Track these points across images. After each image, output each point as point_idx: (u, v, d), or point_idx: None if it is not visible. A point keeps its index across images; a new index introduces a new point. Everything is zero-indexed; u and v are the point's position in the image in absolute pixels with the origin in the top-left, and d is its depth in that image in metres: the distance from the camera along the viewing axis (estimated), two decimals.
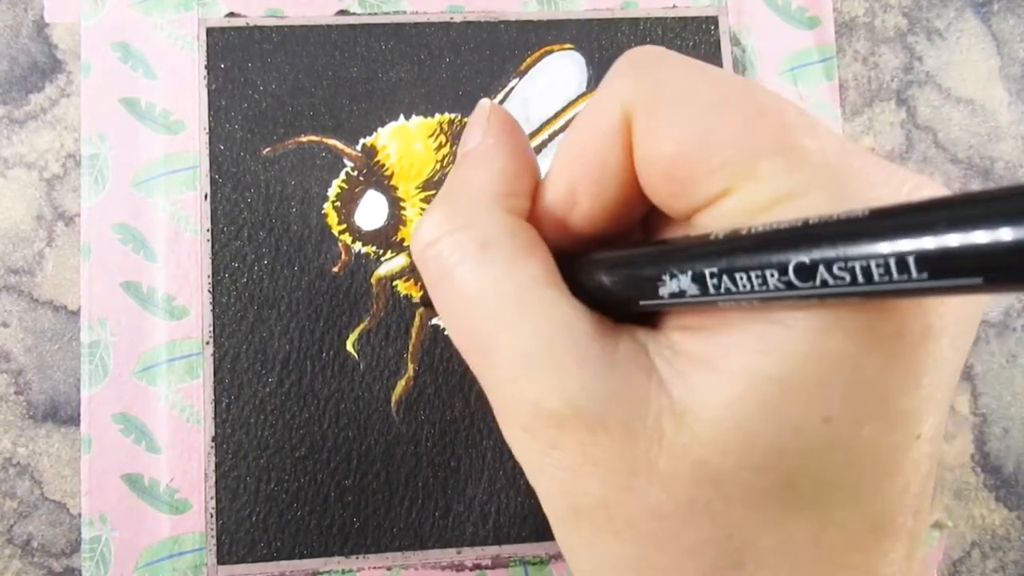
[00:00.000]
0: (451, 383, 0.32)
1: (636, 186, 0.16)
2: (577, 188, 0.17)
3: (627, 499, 0.14)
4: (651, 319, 0.16)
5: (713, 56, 0.35)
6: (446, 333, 0.32)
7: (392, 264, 0.33)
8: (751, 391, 0.13)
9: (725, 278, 0.13)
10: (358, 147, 0.33)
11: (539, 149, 0.34)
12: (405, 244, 0.33)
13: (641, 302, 0.15)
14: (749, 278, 0.13)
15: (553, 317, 0.15)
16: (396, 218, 0.33)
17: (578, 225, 0.17)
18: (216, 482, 0.31)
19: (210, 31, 0.34)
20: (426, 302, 0.30)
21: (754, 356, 0.14)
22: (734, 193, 0.14)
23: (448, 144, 0.34)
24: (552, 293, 0.16)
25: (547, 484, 0.16)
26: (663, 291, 0.15)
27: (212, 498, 0.31)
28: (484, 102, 0.19)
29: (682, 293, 0.14)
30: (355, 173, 0.33)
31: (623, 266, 0.16)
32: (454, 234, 0.16)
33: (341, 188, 0.33)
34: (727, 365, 0.14)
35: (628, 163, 0.16)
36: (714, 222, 0.14)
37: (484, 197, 0.17)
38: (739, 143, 0.14)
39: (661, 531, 0.14)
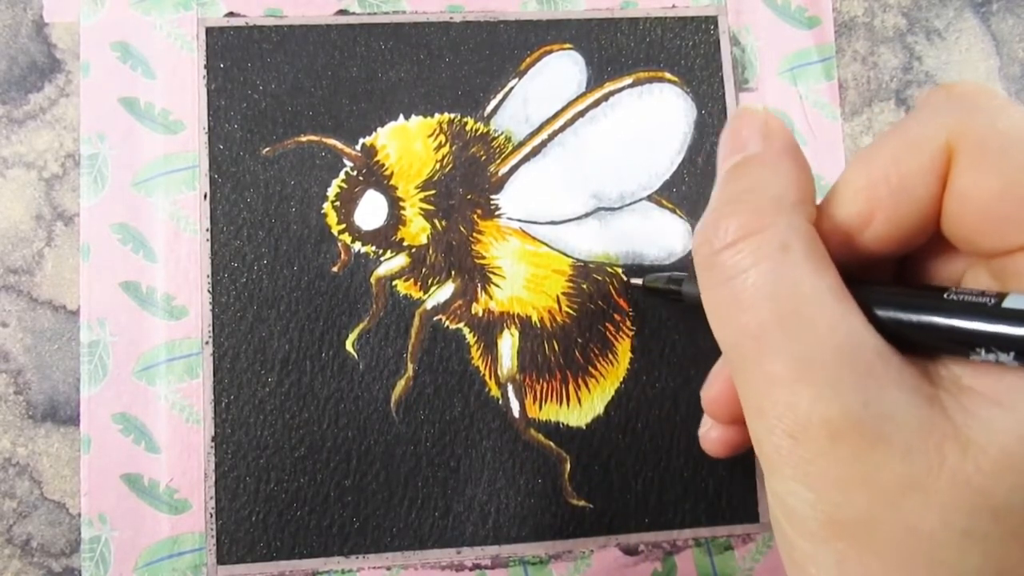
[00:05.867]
0: (451, 383, 0.32)
1: (934, 217, 0.17)
2: (877, 209, 0.17)
3: (895, 518, 0.14)
4: (926, 346, 0.17)
5: (713, 56, 0.35)
6: (448, 331, 0.32)
7: (392, 264, 0.33)
8: None
9: None
10: (358, 147, 0.33)
11: (539, 149, 0.34)
12: (404, 244, 0.33)
13: (944, 354, 0.16)
14: None
15: (843, 329, 0.15)
16: (395, 218, 0.33)
17: (865, 244, 0.17)
18: (216, 482, 0.31)
19: (209, 31, 0.33)
20: (652, 289, 0.31)
21: None
22: None
23: (448, 144, 0.34)
24: (845, 306, 0.16)
25: (801, 493, 0.15)
26: (975, 357, 0.15)
27: (212, 498, 0.31)
28: (754, 107, 0.19)
29: (997, 361, 0.15)
30: (355, 173, 0.33)
31: (931, 318, 0.16)
32: (755, 236, 0.17)
33: (340, 188, 0.33)
34: (1022, 406, 0.14)
35: (938, 194, 0.16)
36: None
37: (783, 201, 0.17)
38: None
39: (927, 556, 0.14)
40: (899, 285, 0.17)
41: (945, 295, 0.16)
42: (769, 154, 0.18)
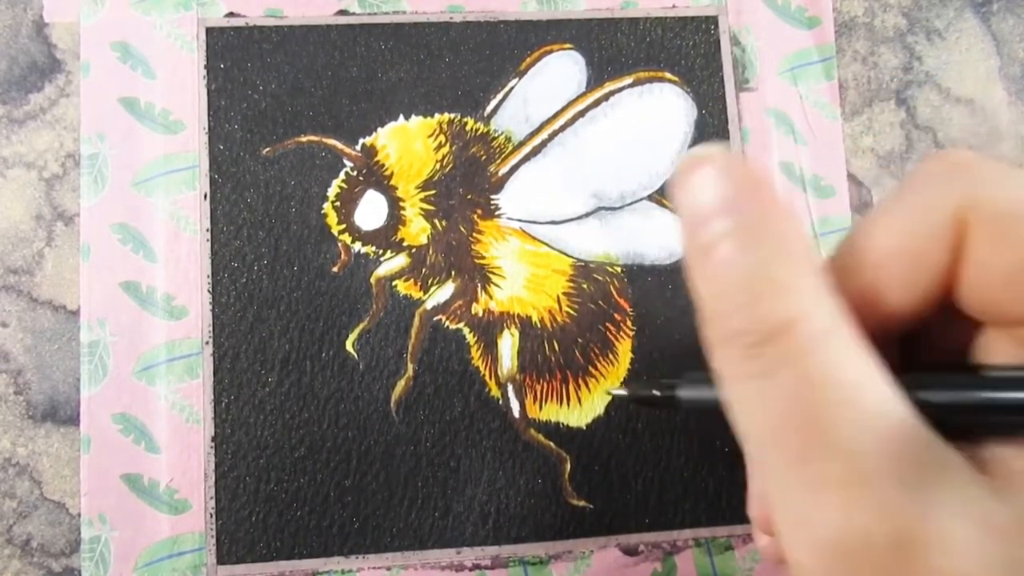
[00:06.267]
0: (451, 383, 0.32)
1: (947, 289, 0.16)
2: (888, 286, 0.16)
3: None
4: (970, 428, 0.16)
5: (713, 56, 0.35)
6: (448, 331, 0.32)
7: (392, 264, 0.33)
8: None
9: None
10: (358, 147, 0.33)
11: (539, 149, 0.34)
12: (404, 244, 0.33)
13: (992, 435, 0.15)
14: None
15: (898, 423, 0.14)
16: (396, 218, 0.33)
17: (877, 319, 0.16)
18: (216, 482, 0.31)
19: (209, 31, 0.33)
20: (640, 399, 0.28)
21: None
22: None
23: (448, 144, 0.34)
24: (893, 394, 0.14)
25: None
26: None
27: (212, 498, 0.31)
28: (710, 149, 0.15)
29: None
30: (355, 173, 0.33)
31: (979, 395, 0.15)
32: (788, 327, 0.15)
33: (341, 188, 0.33)
34: None
35: (952, 267, 0.16)
36: None
37: (811, 280, 0.15)
38: None
39: None
40: (940, 369, 0.17)
41: (985, 372, 0.15)
42: (764, 216, 0.15)
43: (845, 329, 0.15)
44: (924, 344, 0.18)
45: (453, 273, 0.33)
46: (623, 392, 0.29)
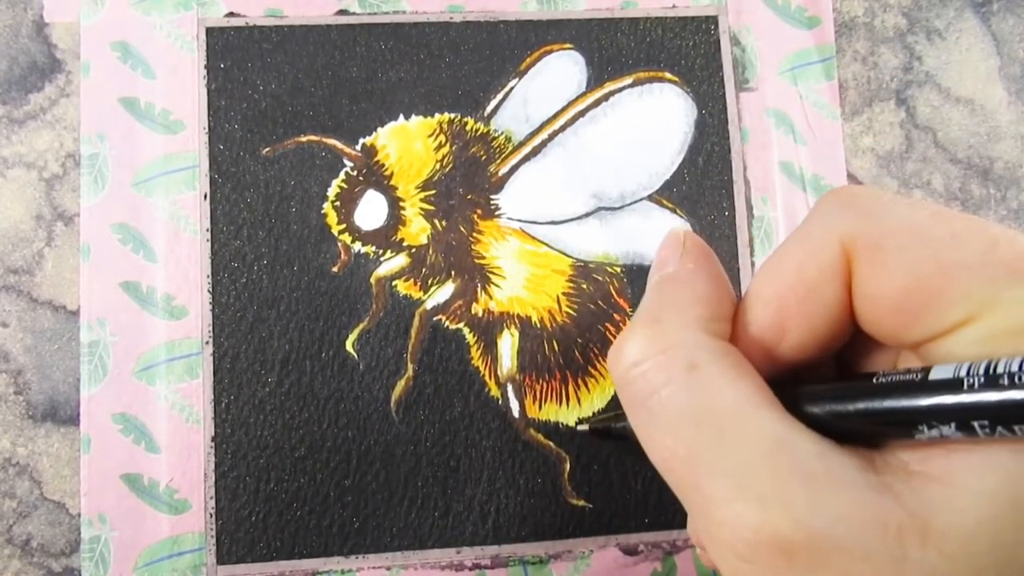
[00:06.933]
0: (451, 383, 0.32)
1: (848, 318, 0.17)
2: (787, 319, 0.17)
3: None
4: (868, 435, 0.17)
5: (713, 56, 0.35)
6: (448, 331, 0.32)
7: (392, 264, 0.33)
8: (1010, 512, 0.13)
9: (1000, 427, 0.13)
10: (358, 147, 0.33)
11: (539, 149, 0.34)
12: (404, 244, 0.33)
13: (888, 440, 0.15)
14: None
15: (773, 436, 0.15)
16: (396, 218, 0.33)
17: (785, 353, 0.17)
18: (215, 482, 0.31)
19: (210, 31, 0.33)
20: (596, 431, 0.29)
21: (1012, 476, 0.14)
22: (976, 321, 0.14)
23: (448, 144, 0.34)
24: (769, 413, 0.15)
25: None
26: (919, 436, 0.15)
27: (211, 498, 0.31)
28: (677, 229, 0.20)
29: (941, 436, 0.14)
30: (355, 173, 0.33)
31: (863, 404, 0.16)
32: (660, 356, 0.17)
33: (341, 188, 0.33)
34: (979, 485, 0.14)
35: (845, 297, 0.16)
36: (955, 349, 0.15)
37: (689, 320, 0.17)
38: (979, 273, 0.14)
39: None
40: (828, 381, 0.17)
41: (874, 379, 0.16)
42: (683, 273, 0.18)
43: (717, 362, 0.16)
44: (856, 367, 0.19)
45: (453, 273, 0.33)
46: (584, 427, 0.30)
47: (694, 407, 0.16)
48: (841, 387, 0.16)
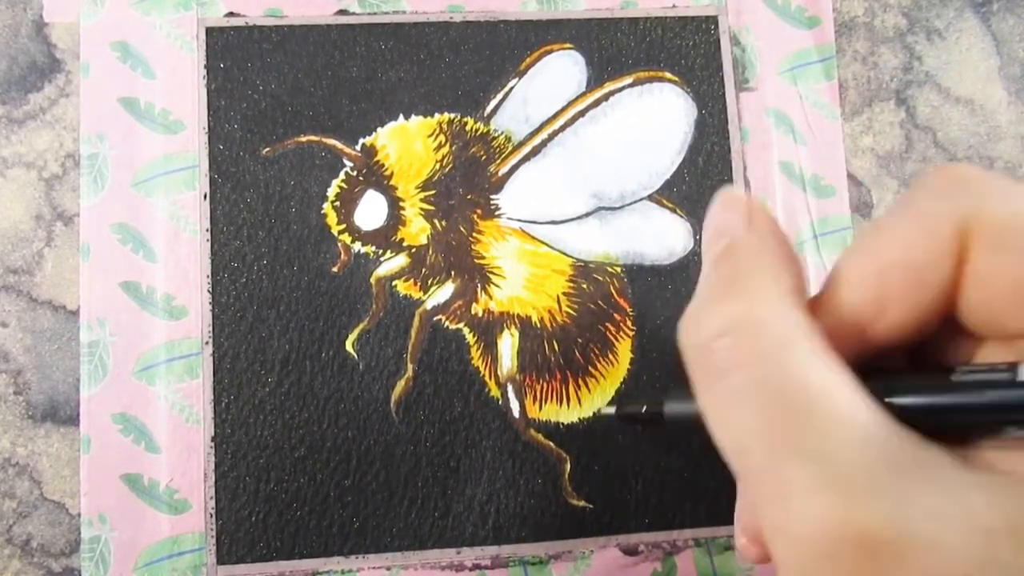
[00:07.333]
0: (451, 383, 0.32)
1: (947, 303, 0.16)
2: (887, 300, 0.16)
3: None
4: (953, 430, 0.16)
5: (713, 56, 0.35)
6: (448, 331, 0.32)
7: (392, 264, 0.33)
8: None
9: None
10: (357, 147, 0.33)
11: (539, 149, 0.34)
12: (404, 244, 0.33)
13: (973, 437, 0.15)
14: None
15: (866, 425, 0.14)
16: (395, 218, 0.33)
17: (878, 334, 0.17)
18: (215, 482, 0.31)
19: (209, 31, 0.33)
20: (625, 415, 0.27)
21: None
22: None
23: (448, 144, 0.34)
24: (863, 399, 0.14)
25: None
26: (1007, 435, 0.14)
27: (211, 498, 0.31)
28: (736, 191, 0.18)
29: None
30: (354, 173, 0.33)
31: (951, 398, 0.15)
32: (748, 328, 0.15)
33: (340, 188, 0.33)
34: None
35: (952, 281, 0.16)
36: None
37: (777, 293, 0.16)
38: None
39: None
40: (911, 372, 0.17)
41: (956, 372, 0.15)
42: (756, 240, 0.17)
43: (809, 341, 0.15)
44: (928, 356, 0.18)
45: (453, 273, 0.33)
46: (610, 411, 0.29)
47: (782, 386, 0.15)
48: (929, 378, 0.16)
